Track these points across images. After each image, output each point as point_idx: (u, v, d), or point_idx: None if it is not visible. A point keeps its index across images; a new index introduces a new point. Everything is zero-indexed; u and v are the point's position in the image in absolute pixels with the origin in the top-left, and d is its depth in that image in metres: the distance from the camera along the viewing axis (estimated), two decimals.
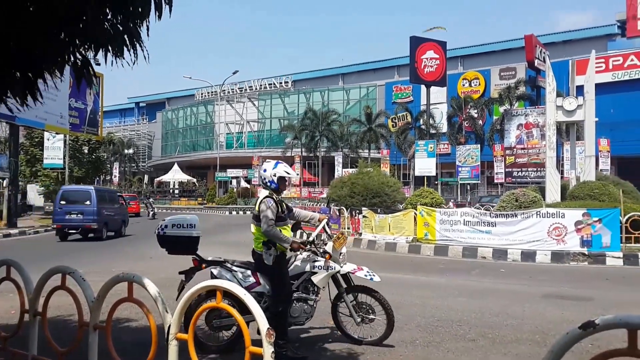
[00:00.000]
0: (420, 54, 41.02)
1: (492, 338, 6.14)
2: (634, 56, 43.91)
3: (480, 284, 10.54)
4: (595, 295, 9.07)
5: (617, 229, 13.87)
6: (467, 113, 45.83)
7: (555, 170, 19.71)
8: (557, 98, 19.67)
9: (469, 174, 39.89)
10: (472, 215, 15.92)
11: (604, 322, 2.42)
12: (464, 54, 58.32)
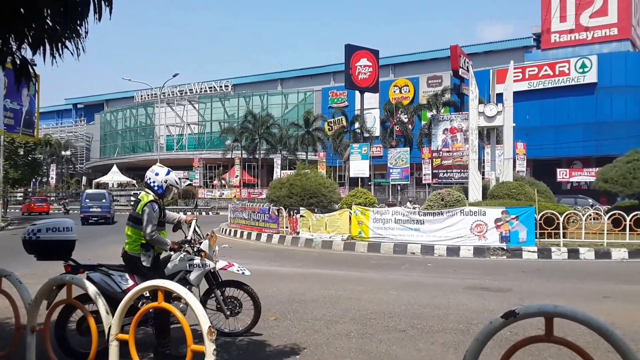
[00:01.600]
0: (355, 62, 41.44)
1: (420, 328, 6.27)
2: (547, 67, 45.89)
3: (410, 278, 10.75)
4: (514, 286, 9.42)
5: (532, 226, 14.46)
6: (398, 118, 46.68)
7: (477, 171, 20.26)
8: (479, 105, 20.24)
9: (400, 175, 40.58)
10: (402, 214, 16.23)
11: (523, 311, 2.51)
12: (395, 62, 59.37)
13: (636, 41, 47.57)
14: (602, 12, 45.95)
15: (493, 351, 4.30)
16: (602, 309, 7.28)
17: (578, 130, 43.88)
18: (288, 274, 11.12)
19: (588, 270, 12.14)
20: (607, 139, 41.28)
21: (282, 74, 68.84)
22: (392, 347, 5.51)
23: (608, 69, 43.40)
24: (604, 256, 13.99)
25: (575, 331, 5.39)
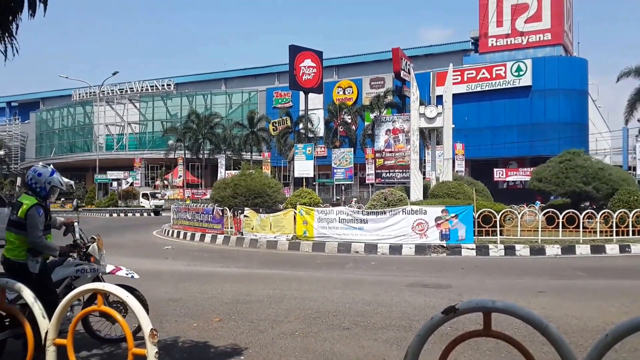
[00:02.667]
0: (299, 62, 41.51)
1: (364, 325, 6.32)
2: (485, 70, 47.34)
3: (354, 277, 10.85)
4: (453, 283, 9.65)
5: (470, 224, 14.87)
6: (342, 119, 47.05)
7: (419, 171, 20.65)
8: (420, 106, 20.65)
9: (344, 175, 40.93)
10: (346, 213, 16.35)
11: (463, 307, 2.56)
12: (339, 63, 59.82)
13: (568, 46, 49.76)
14: (536, 18, 47.80)
15: (434, 346, 4.40)
16: (537, 303, 7.56)
17: (514, 132, 45.47)
18: (232, 275, 11.01)
19: (524, 266, 12.59)
20: (541, 140, 43.00)
21: (226, 73, 68.12)
22: (337, 345, 5.53)
23: (542, 73, 45.19)
24: (539, 252, 14.55)
25: (512, 325, 5.58)
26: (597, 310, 7.07)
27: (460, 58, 50.92)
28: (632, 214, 15.67)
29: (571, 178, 19.11)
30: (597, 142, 47.19)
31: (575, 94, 45.50)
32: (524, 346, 2.54)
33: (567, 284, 9.85)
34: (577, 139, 41.29)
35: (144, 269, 11.70)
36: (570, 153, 20.44)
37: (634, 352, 4.91)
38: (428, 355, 3.89)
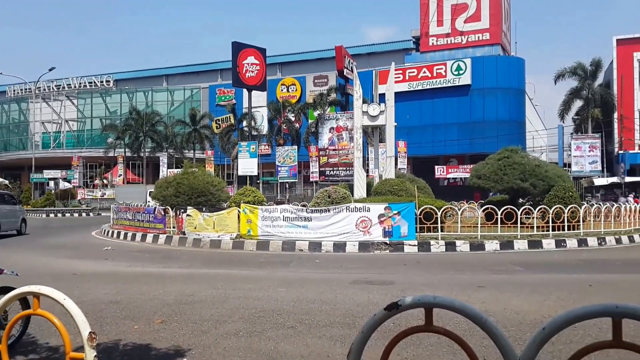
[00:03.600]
0: (242, 59, 41.12)
1: (308, 324, 6.33)
2: (426, 69, 48.33)
3: (298, 275, 10.85)
4: (396, 279, 9.81)
5: (412, 221, 15.16)
6: (286, 116, 47.00)
7: (362, 169, 20.86)
8: (363, 104, 20.86)
9: (288, 173, 40.92)
10: (290, 211, 16.33)
11: (405, 303, 2.58)
12: (283, 61, 59.69)
13: (506, 45, 51.43)
14: (475, 18, 49.16)
15: (377, 342, 4.43)
16: (477, 297, 7.78)
17: (454, 130, 46.64)
18: (175, 275, 10.79)
19: (464, 262, 12.93)
20: (480, 138, 44.30)
21: (168, 69, 66.72)
22: (281, 344, 5.51)
23: (481, 72, 46.54)
24: (478, 248, 14.98)
25: (453, 320, 5.71)
26: (535, 304, 7.33)
27: (402, 57, 51.76)
28: (567, 209, 16.36)
29: (509, 175, 19.75)
30: (534, 139, 49.06)
31: (513, 92, 47.09)
32: (464, 340, 2.59)
33: (506, 278, 10.18)
34: (514, 136, 42.73)
35: (82, 270, 11.34)
36: (508, 150, 21.12)
37: (569, 344, 5.11)
38: (372, 352, 3.93)
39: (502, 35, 49.87)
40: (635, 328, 4.68)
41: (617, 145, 42.09)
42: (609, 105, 42.73)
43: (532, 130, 50.16)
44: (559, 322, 2.38)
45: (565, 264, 12.49)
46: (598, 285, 8.96)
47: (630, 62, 42.82)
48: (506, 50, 51.40)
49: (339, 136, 35.57)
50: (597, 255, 14.15)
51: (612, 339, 2.33)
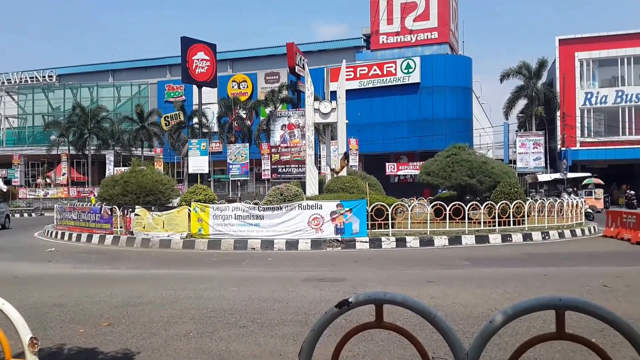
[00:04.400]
0: (192, 55, 40.54)
1: (260, 323, 6.30)
2: (377, 67, 48.81)
3: (251, 273, 10.79)
4: (348, 276, 9.88)
5: (364, 217, 15.31)
6: (237, 113, 46.62)
7: (314, 166, 20.90)
8: (315, 102, 20.89)
9: (240, 170, 40.65)
10: (242, 209, 16.22)
11: (356, 300, 2.60)
12: (234, 57, 59.12)
13: (454, 44, 52.50)
14: (424, 17, 49.97)
15: (330, 339, 4.46)
16: (426, 292, 7.92)
17: (404, 127, 47.30)
18: (123, 277, 10.55)
19: (414, 257, 13.16)
20: (429, 135, 45.10)
21: (114, 64, 64.99)
22: (232, 344, 5.46)
23: (430, 70, 47.37)
24: (428, 244, 15.27)
25: (404, 315, 5.80)
26: (482, 297, 7.52)
27: (353, 54, 52.12)
28: (512, 205, 16.87)
29: (457, 171, 20.18)
30: (481, 137, 50.32)
31: (461, 91, 48.14)
32: (413, 336, 2.63)
33: (454, 273, 10.42)
34: (462, 134, 43.75)
35: (24, 272, 10.92)
36: (456, 147, 21.58)
37: (515, 336, 5.27)
38: (324, 349, 3.94)
39: (450, 35, 50.88)
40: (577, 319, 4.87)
41: (560, 143, 43.63)
42: (552, 104, 44.26)
43: (479, 127, 51.43)
44: (505, 315, 2.45)
45: (511, 258, 12.87)
46: (542, 278, 9.28)
47: (571, 62, 44.44)
48: (454, 49, 52.47)
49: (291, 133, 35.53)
50: (541, 249, 14.64)
51: (555, 331, 2.41)
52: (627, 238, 15.75)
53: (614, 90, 43.89)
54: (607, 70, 44.99)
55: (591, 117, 44.64)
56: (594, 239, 17.37)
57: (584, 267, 10.94)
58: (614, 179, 41.73)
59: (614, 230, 17.21)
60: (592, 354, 2.45)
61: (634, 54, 43.37)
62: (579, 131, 43.94)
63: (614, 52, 43.73)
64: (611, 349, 4.73)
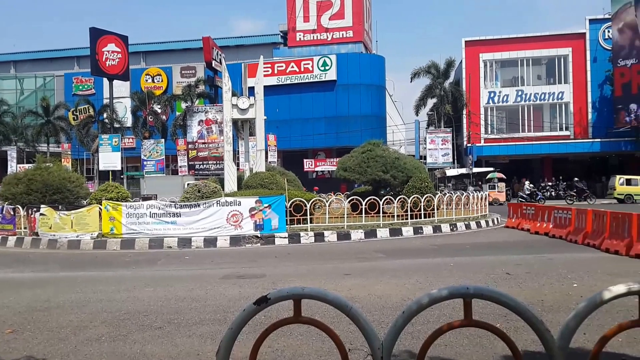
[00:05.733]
0: (102, 47, 38.90)
1: (177, 323, 6.16)
2: (294, 63, 48.87)
3: (167, 273, 10.52)
4: (267, 272, 9.86)
5: (283, 213, 15.34)
6: (151, 108, 45.18)
7: (232, 162, 20.71)
8: (233, 97, 20.67)
9: (155, 167, 39.45)
10: (158, 207, 15.77)
11: (274, 296, 2.60)
12: (147, 50, 57.06)
13: (368, 44, 53.49)
14: (339, 15, 50.57)
15: (249, 336, 4.43)
16: (344, 285, 8.06)
17: (321, 124, 47.73)
18: (28, 280, 9.95)
19: (332, 251, 13.34)
20: (345, 132, 45.78)
21: (16, 55, 60.81)
22: (148, 346, 5.31)
23: (345, 68, 48.03)
24: (345, 237, 15.54)
25: (322, 309, 5.86)
26: (396, 288, 7.76)
27: (270, 50, 51.89)
28: (423, 198, 17.50)
29: (372, 167, 20.67)
30: (394, 133, 51.71)
31: (375, 88, 49.19)
32: (330, 329, 2.67)
33: (370, 265, 10.66)
34: (376, 130, 44.73)
35: None
36: (371, 144, 22.08)
37: (426, 325, 5.47)
38: (242, 346, 3.92)
39: (365, 34, 51.82)
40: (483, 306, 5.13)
41: (466, 139, 45.63)
42: (459, 102, 46.21)
43: (392, 124, 52.84)
44: (417, 305, 2.54)
45: (423, 249, 13.35)
46: (451, 268, 9.70)
47: (476, 62, 46.61)
48: (368, 48, 53.50)
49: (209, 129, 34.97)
50: (450, 240, 15.28)
51: (464, 318, 2.53)
52: (527, 228, 16.77)
53: (514, 89, 46.50)
54: (509, 70, 47.62)
55: (494, 115, 47.06)
56: (497, 230, 18.35)
57: (489, 256, 11.53)
58: (515, 173, 44.28)
59: (515, 221, 18.26)
60: (497, 338, 2.59)
61: (532, 56, 46.16)
62: (483, 128, 46.19)
63: (514, 54, 46.33)
64: (514, 333, 5.03)
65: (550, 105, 46.30)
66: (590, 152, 44.26)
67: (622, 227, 11.38)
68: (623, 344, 4.77)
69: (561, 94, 45.62)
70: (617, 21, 41.32)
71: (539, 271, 8.93)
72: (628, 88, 40.59)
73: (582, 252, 11.78)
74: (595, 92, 45.05)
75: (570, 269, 9.07)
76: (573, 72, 45.27)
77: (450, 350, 4.80)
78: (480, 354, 4.73)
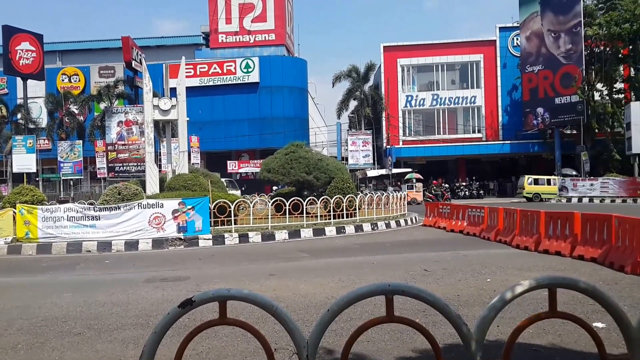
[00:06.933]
0: (15, 45, 36.73)
1: (98, 328, 5.91)
2: (216, 65, 48.15)
3: (86, 278, 10.08)
4: (191, 274, 9.65)
5: (207, 215, 15.08)
6: (68, 109, 43.11)
7: (154, 164, 20.11)
8: (154, 98, 20.07)
9: (72, 169, 37.73)
10: (76, 210, 15.06)
11: (199, 298, 2.55)
12: (63, 49, 54.38)
13: (290, 47, 53.63)
14: (262, 18, 50.36)
15: (173, 340, 4.32)
16: (268, 285, 8.03)
17: (245, 125, 47.35)
18: None
19: (256, 252, 13.25)
20: (269, 133, 45.65)
21: None
22: (67, 353, 5.06)
23: (268, 70, 47.90)
24: (269, 238, 15.49)
25: (247, 309, 5.82)
26: (320, 287, 7.82)
27: (192, 52, 50.89)
28: (345, 199, 17.74)
29: (295, 168, 20.75)
30: (316, 135, 52.12)
31: (297, 91, 49.38)
32: (256, 329, 2.65)
33: (294, 265, 10.69)
34: (299, 132, 44.96)
35: None
36: (294, 145, 22.16)
37: (349, 322, 5.55)
38: (167, 350, 3.82)
39: (287, 37, 51.91)
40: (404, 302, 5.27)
41: (385, 141, 46.80)
42: (379, 105, 47.33)
43: (315, 127, 53.24)
44: (341, 303, 2.57)
45: (345, 248, 13.53)
46: (372, 266, 9.90)
47: (395, 67, 47.90)
48: (290, 51, 53.65)
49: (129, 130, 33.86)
50: (371, 238, 15.60)
51: (385, 315, 2.58)
52: (443, 226, 17.40)
53: (430, 94, 48.20)
54: (425, 75, 49.32)
55: (411, 118, 48.54)
56: (415, 228, 18.92)
57: (408, 254, 11.86)
58: (431, 174, 45.88)
59: (432, 219, 18.90)
60: (417, 333, 2.66)
61: (447, 62, 48.02)
62: (402, 131, 47.54)
63: (430, 59, 48.02)
64: (433, 327, 5.20)
65: (464, 109, 48.36)
66: (501, 153, 46.67)
67: (531, 224, 12.04)
68: (534, 335, 5.04)
69: (474, 98, 47.75)
70: (525, 29, 43.77)
71: (455, 267, 9.29)
72: (535, 93, 43.08)
73: (495, 248, 12.35)
74: (505, 96, 47.52)
75: (483, 264, 9.49)
76: (485, 77, 47.53)
77: (372, 346, 4.89)
78: (401, 349, 4.85)
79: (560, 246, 10.58)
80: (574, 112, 40.04)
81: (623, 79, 41.18)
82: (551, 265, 9.30)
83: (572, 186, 35.08)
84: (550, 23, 41.53)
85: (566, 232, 10.67)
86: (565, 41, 40.46)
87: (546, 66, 41.95)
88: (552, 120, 41.87)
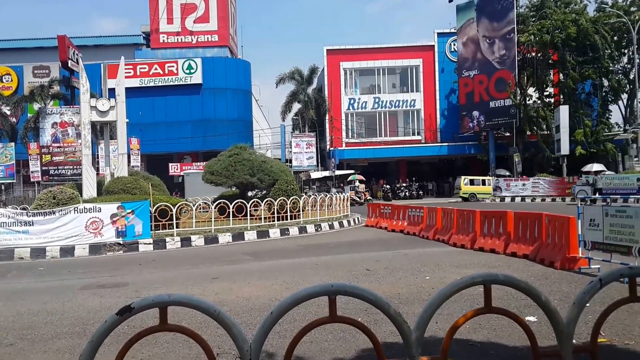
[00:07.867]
0: None
1: (31, 338, 5.64)
2: (157, 65, 47.08)
3: (19, 286, 9.60)
4: (131, 280, 9.38)
5: (147, 219, 14.70)
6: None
7: (92, 167, 19.43)
8: (91, 99, 19.41)
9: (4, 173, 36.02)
10: (7, 215, 14.33)
11: (138, 304, 2.47)
12: None
13: (233, 48, 53.12)
14: (204, 19, 49.64)
15: (111, 348, 4.18)
16: (211, 289, 7.90)
17: (187, 127, 46.52)
18: None
19: (200, 255, 13.03)
20: (212, 135, 45.04)
21: None
22: None
23: (211, 72, 47.26)
24: (213, 241, 15.27)
25: (189, 314, 5.70)
26: (263, 289, 7.76)
27: (132, 51, 49.52)
28: (289, 201, 17.73)
29: (239, 170, 20.54)
30: (260, 137, 51.86)
31: (241, 93, 48.98)
32: (197, 334, 2.60)
33: (238, 268, 10.57)
34: (243, 134, 44.57)
35: None
36: (238, 148, 21.95)
37: (293, 323, 5.52)
38: (105, 359, 3.68)
39: (230, 39, 51.41)
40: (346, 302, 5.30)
41: (329, 143, 47.10)
42: (322, 108, 47.64)
43: (259, 129, 52.97)
44: (284, 305, 2.55)
45: (289, 250, 13.52)
46: (316, 267, 9.93)
47: (337, 70, 48.34)
48: (234, 53, 53.15)
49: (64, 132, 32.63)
50: (314, 240, 15.65)
51: (328, 315, 2.58)
52: (385, 226, 17.68)
53: (372, 97, 48.91)
54: (367, 79, 50.03)
55: (354, 120, 49.13)
56: (358, 229, 19.13)
57: (350, 254, 11.98)
58: (373, 175, 46.55)
59: (374, 220, 19.16)
60: (359, 332, 2.68)
61: (388, 66, 48.87)
62: (344, 133, 48.01)
63: (372, 63, 48.74)
64: (374, 326, 5.25)
65: (404, 112, 49.35)
66: (439, 155, 47.90)
67: (467, 223, 12.41)
68: (470, 330, 5.18)
69: (413, 102, 48.80)
70: (462, 35, 45.10)
71: (396, 266, 9.44)
72: (471, 97, 44.46)
73: (434, 247, 12.66)
74: (443, 100, 48.84)
75: (423, 263, 9.70)
76: (424, 81, 48.68)
77: (315, 347, 4.90)
78: (344, 348, 4.88)
79: (495, 244, 10.96)
80: (507, 115, 41.62)
81: (553, 84, 43.17)
82: (486, 263, 9.61)
83: (505, 186, 36.40)
84: (485, 29, 43.00)
85: (500, 230, 11.06)
86: (500, 47, 42.00)
87: (481, 71, 43.39)
88: (487, 123, 43.36)
